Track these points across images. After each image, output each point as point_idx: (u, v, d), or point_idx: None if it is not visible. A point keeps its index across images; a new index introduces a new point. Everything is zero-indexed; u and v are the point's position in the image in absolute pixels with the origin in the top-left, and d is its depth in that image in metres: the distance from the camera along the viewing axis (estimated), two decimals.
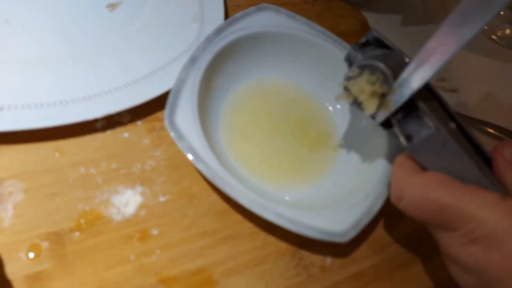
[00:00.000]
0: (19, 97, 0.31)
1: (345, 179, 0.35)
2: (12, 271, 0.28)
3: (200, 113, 0.31)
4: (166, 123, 0.30)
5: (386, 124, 0.30)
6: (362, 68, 0.29)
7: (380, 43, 0.32)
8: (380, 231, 0.37)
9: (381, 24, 0.49)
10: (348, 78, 0.30)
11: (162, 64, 0.35)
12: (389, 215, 0.37)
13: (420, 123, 0.28)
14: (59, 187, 0.31)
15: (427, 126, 0.27)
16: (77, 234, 0.30)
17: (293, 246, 0.34)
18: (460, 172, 0.27)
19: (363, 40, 0.33)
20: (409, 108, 0.29)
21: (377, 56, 0.30)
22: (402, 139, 0.29)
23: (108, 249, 0.30)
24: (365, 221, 0.31)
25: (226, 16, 0.41)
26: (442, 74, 0.48)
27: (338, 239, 0.30)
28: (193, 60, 0.33)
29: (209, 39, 0.34)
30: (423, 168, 0.28)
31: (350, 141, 0.37)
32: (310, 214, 0.31)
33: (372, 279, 0.34)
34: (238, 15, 0.36)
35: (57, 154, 0.32)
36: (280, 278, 0.32)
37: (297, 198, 0.34)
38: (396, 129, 0.29)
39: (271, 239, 0.34)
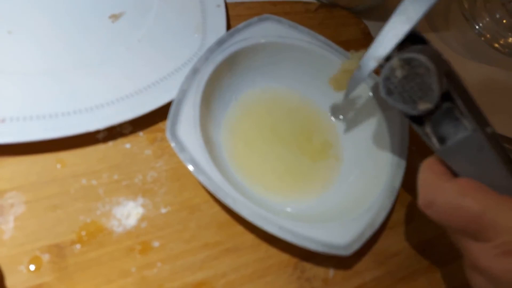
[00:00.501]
0: (21, 108, 0.31)
1: (348, 191, 0.35)
2: (12, 284, 0.28)
3: (202, 124, 0.32)
4: (167, 134, 0.30)
5: (417, 120, 0.29)
6: (405, 60, 0.27)
7: (420, 41, 0.30)
8: (383, 243, 0.36)
9: None
10: (389, 71, 0.28)
11: (164, 74, 0.36)
12: (392, 227, 0.37)
13: (456, 124, 0.27)
14: (60, 199, 0.31)
15: (464, 128, 0.26)
16: (78, 246, 0.30)
17: (296, 258, 0.34)
18: (494, 180, 0.25)
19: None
20: (446, 106, 0.27)
21: (421, 49, 0.28)
22: (434, 141, 0.28)
23: (109, 262, 0.30)
24: (368, 233, 0.31)
25: (228, 26, 0.41)
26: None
27: (341, 252, 0.30)
28: (195, 71, 0.33)
29: (211, 50, 0.34)
30: (454, 174, 0.27)
31: (353, 152, 0.37)
32: (312, 226, 0.31)
33: None
34: (240, 25, 0.36)
35: (58, 166, 0.32)
36: None
37: (299, 209, 0.34)
38: (429, 129, 0.28)
39: (273, 251, 0.33)
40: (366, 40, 0.48)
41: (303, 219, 0.32)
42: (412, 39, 0.30)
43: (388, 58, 0.29)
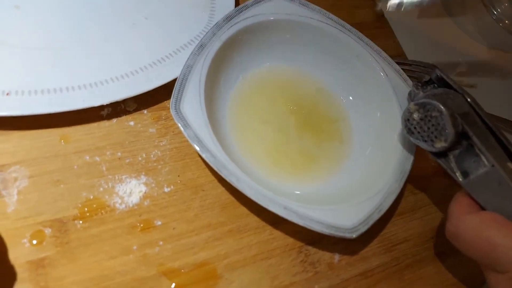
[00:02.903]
0: (25, 82, 0.32)
1: (357, 174, 0.35)
2: (15, 257, 0.28)
3: (207, 102, 0.32)
4: (172, 110, 0.30)
5: (441, 154, 0.32)
6: (420, 105, 0.32)
7: (442, 82, 0.34)
8: (390, 230, 0.36)
9: (397, 15, 0.49)
10: (407, 114, 0.33)
11: (169, 51, 0.36)
12: (401, 214, 0.37)
13: (477, 159, 0.30)
14: (63, 174, 0.32)
15: (483, 164, 0.29)
16: (80, 222, 0.31)
17: (300, 242, 0.34)
18: None
19: (426, 78, 0.35)
20: (466, 143, 0.31)
21: (437, 94, 0.32)
22: (458, 175, 0.31)
23: (111, 238, 0.31)
24: (375, 217, 0.31)
25: (237, 4, 0.41)
26: (461, 68, 0.48)
27: (346, 235, 0.30)
28: (201, 47, 0.33)
29: (219, 26, 0.34)
30: (481, 207, 0.30)
31: (363, 135, 0.37)
32: (319, 208, 0.31)
33: (382, 278, 0.34)
34: (249, 2, 0.36)
35: (62, 141, 0.33)
36: (285, 274, 0.32)
37: (306, 192, 0.34)
38: (453, 164, 0.31)
39: (277, 233, 0.34)
40: (379, 22, 0.48)
41: (310, 202, 0.32)
42: (438, 80, 0.35)
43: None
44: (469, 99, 0.33)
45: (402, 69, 0.38)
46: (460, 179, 0.31)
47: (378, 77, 0.37)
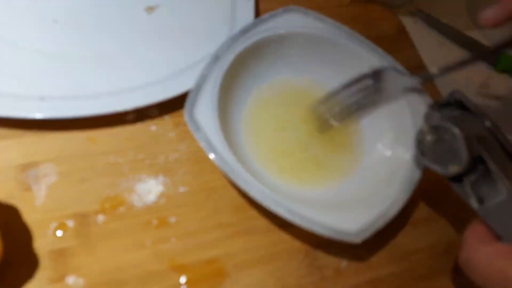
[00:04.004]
0: (60, 88, 0.36)
1: (365, 182, 0.36)
2: (39, 246, 0.32)
3: (220, 109, 0.34)
4: (185, 115, 0.33)
5: (455, 179, 0.31)
6: (433, 127, 0.31)
7: (461, 105, 0.33)
8: (403, 239, 0.37)
9: (419, 29, 0.49)
10: (420, 135, 0.32)
11: (190, 63, 0.39)
12: (413, 224, 0.37)
13: (493, 185, 0.29)
14: (89, 173, 0.35)
15: (500, 191, 0.28)
16: (101, 217, 0.33)
17: (308, 246, 0.35)
18: None
19: (443, 100, 0.34)
20: (483, 169, 0.29)
21: (452, 117, 0.31)
22: (473, 201, 0.30)
23: (128, 233, 0.33)
24: (380, 224, 0.32)
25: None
26: (485, 80, 0.47)
27: (350, 239, 0.31)
28: (216, 58, 0.35)
29: (234, 39, 0.36)
30: (497, 236, 0.29)
31: (374, 143, 0.38)
32: (323, 212, 0.32)
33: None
34: (265, 16, 0.38)
35: (90, 143, 0.36)
36: (291, 276, 0.33)
37: (315, 198, 0.35)
38: (468, 190, 0.30)
39: (285, 236, 0.35)
40: (400, 36, 0.49)
41: (315, 206, 0.33)
42: (456, 102, 0.33)
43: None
44: (487, 123, 0.31)
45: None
46: (475, 206, 0.29)
47: (392, 88, 0.38)
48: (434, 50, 0.49)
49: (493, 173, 0.28)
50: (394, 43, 0.47)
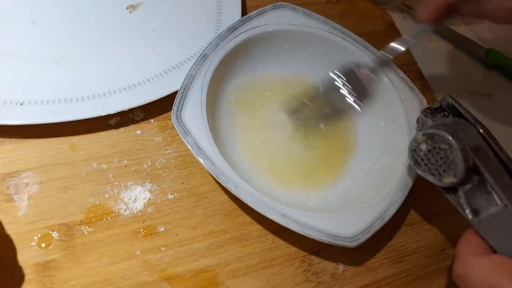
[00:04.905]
0: (38, 93, 0.34)
1: (360, 182, 0.36)
2: (23, 259, 0.30)
3: (209, 110, 0.33)
4: (173, 119, 0.32)
5: (450, 189, 0.31)
6: (428, 136, 0.30)
7: (454, 110, 0.33)
8: (399, 240, 0.36)
9: (408, 25, 0.49)
10: (415, 144, 0.31)
11: (176, 63, 0.38)
12: (410, 224, 0.37)
13: (488, 197, 0.28)
14: (72, 180, 0.34)
15: (495, 202, 0.28)
16: (86, 227, 0.32)
17: (303, 252, 0.34)
18: None
19: (436, 105, 0.34)
20: (478, 179, 0.29)
21: (446, 124, 0.31)
22: (467, 212, 0.29)
23: (115, 244, 0.32)
24: (377, 226, 0.31)
25: (243, 15, 0.42)
26: (476, 77, 0.47)
27: (346, 244, 0.30)
28: (204, 58, 0.34)
29: (222, 37, 0.36)
30: (492, 249, 0.28)
31: (367, 144, 0.38)
32: (319, 216, 0.31)
33: None
34: (253, 13, 0.38)
35: (71, 149, 0.35)
36: (287, 283, 0.33)
37: (309, 201, 0.35)
38: (463, 201, 0.30)
39: (280, 242, 0.34)
40: (390, 31, 0.48)
41: (311, 210, 0.32)
42: (449, 108, 0.33)
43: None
44: (481, 130, 0.31)
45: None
46: (470, 217, 0.29)
47: (383, 85, 0.37)
48: (424, 46, 0.49)
49: (488, 184, 0.28)
50: (384, 38, 0.47)
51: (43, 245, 0.31)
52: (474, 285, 0.27)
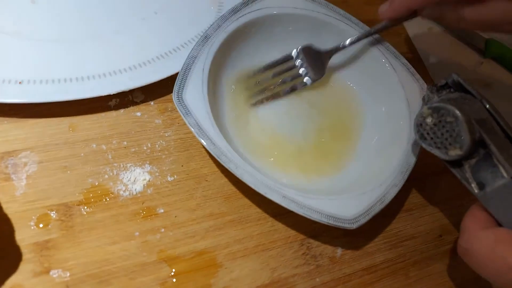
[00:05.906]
0: (38, 72, 0.34)
1: (360, 166, 0.36)
2: (21, 238, 0.30)
3: (210, 91, 0.33)
4: (174, 98, 0.32)
5: (455, 163, 0.31)
6: (434, 109, 0.31)
7: (459, 87, 0.33)
8: (397, 226, 0.37)
9: None
10: (420, 118, 0.32)
11: (177, 45, 0.38)
12: (408, 210, 0.38)
13: (494, 170, 0.28)
14: (71, 161, 0.34)
15: (501, 175, 0.28)
16: (85, 207, 0.32)
17: (302, 235, 0.34)
18: None
19: (442, 82, 0.34)
20: (483, 152, 0.29)
21: (452, 99, 0.31)
22: (473, 186, 0.30)
23: (114, 224, 0.32)
24: (377, 209, 0.32)
25: None
26: (476, 67, 0.48)
27: (346, 225, 0.31)
28: (205, 39, 0.34)
29: (224, 18, 0.36)
30: (498, 223, 0.28)
31: (368, 128, 0.38)
32: (319, 198, 0.31)
33: (386, 274, 0.35)
34: None
35: (71, 130, 0.35)
36: (286, 266, 0.33)
37: (309, 184, 0.35)
38: (468, 175, 0.30)
39: (279, 225, 0.35)
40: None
41: (310, 192, 0.32)
42: (454, 85, 0.33)
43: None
44: (487, 105, 0.31)
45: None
46: (476, 191, 0.29)
47: (384, 70, 0.38)
48: (425, 35, 0.49)
49: (494, 157, 0.28)
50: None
51: (41, 225, 0.31)
52: (479, 257, 0.27)
